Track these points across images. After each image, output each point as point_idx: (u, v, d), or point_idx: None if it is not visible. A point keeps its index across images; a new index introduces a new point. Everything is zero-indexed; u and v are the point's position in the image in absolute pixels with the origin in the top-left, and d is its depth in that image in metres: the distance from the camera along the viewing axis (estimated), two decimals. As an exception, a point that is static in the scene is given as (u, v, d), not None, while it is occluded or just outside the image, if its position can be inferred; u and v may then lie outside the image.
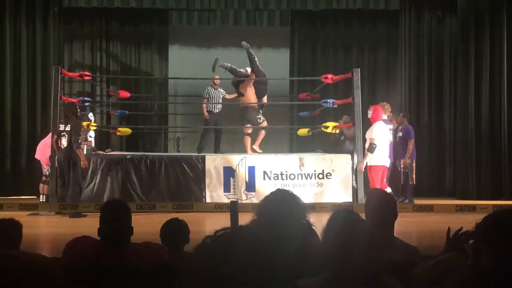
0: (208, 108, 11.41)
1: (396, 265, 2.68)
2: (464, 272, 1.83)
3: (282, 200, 3.03)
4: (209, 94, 11.42)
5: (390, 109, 9.91)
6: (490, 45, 11.26)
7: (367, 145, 8.86)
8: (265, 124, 10.78)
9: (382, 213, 3.28)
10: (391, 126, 9.95)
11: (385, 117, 9.75)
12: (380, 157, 8.79)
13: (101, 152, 10.59)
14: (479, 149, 11.30)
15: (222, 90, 11.53)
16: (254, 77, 10.69)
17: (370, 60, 13.23)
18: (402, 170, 10.27)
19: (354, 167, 9.58)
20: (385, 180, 8.98)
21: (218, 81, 11.47)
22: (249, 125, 10.69)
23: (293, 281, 1.16)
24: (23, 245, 3.63)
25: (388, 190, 8.66)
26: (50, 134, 9.65)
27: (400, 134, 10.32)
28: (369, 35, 13.23)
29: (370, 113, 9.03)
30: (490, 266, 1.52)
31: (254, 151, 10.54)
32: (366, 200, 3.47)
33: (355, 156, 9.60)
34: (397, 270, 2.42)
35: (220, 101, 11.43)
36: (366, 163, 8.83)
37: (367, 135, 8.95)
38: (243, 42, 10.79)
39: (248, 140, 10.73)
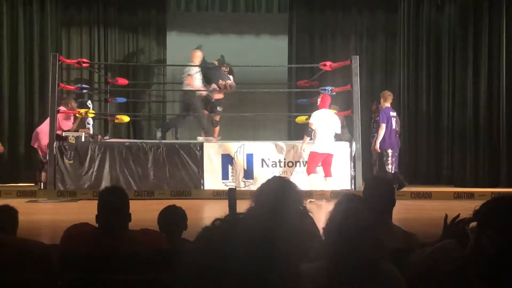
0: None
1: (395, 252, 2.68)
2: (460, 259, 1.83)
3: (278, 188, 3.03)
4: None
5: (392, 97, 9.96)
6: (489, 33, 11.21)
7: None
8: None
9: (380, 200, 3.28)
10: (395, 114, 9.94)
11: (388, 105, 9.77)
12: (319, 144, 8.88)
13: (100, 139, 10.58)
14: (477, 136, 11.29)
15: None
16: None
17: (369, 47, 13.17)
18: (377, 157, 10.26)
19: (352, 155, 9.59)
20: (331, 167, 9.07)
21: None
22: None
23: (292, 266, 1.15)
24: (20, 232, 3.62)
25: (331, 178, 8.87)
26: (46, 121, 9.63)
27: (378, 118, 10.28)
28: (368, 22, 13.16)
29: (318, 101, 9.30)
30: (491, 250, 1.51)
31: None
32: (364, 187, 3.47)
33: (353, 144, 9.61)
34: (395, 257, 2.42)
35: None
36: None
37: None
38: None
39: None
